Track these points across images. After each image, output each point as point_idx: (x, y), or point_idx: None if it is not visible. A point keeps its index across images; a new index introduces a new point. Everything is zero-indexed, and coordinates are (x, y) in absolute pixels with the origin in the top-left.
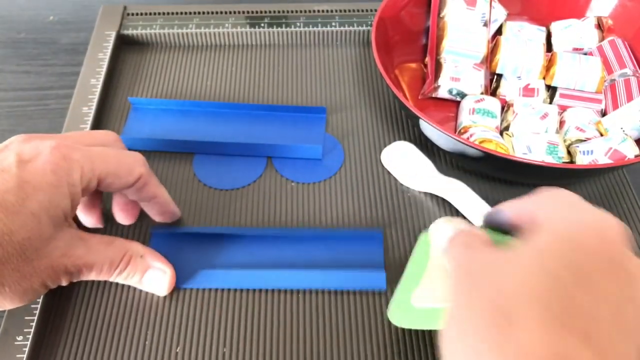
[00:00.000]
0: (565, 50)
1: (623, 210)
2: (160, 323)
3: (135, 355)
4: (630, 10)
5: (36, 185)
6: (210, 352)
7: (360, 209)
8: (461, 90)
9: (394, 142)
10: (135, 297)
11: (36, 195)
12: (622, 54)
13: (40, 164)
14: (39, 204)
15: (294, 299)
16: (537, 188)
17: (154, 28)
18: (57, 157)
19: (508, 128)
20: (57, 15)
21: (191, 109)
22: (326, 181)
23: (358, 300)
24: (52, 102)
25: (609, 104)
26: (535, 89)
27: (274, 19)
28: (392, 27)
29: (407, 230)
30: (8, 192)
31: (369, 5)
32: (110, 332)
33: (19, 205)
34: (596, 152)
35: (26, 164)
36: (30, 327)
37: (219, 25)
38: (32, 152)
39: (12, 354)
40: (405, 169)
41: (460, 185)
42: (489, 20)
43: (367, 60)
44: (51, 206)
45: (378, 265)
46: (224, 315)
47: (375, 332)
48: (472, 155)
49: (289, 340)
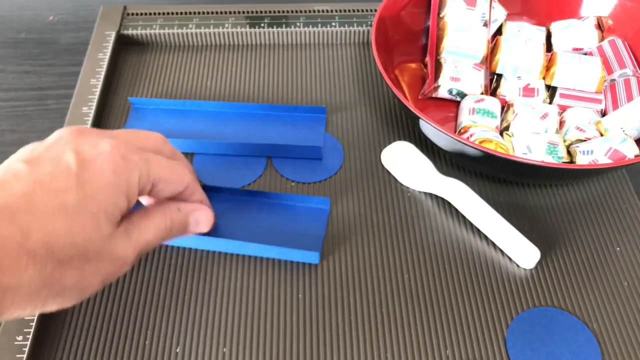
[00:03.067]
0: (565, 50)
1: (623, 210)
2: (160, 323)
3: (135, 355)
4: (630, 10)
5: (96, 186)
6: (210, 352)
7: (360, 209)
8: (461, 90)
9: (394, 142)
10: (136, 297)
11: (96, 196)
12: (622, 54)
13: (101, 164)
14: (98, 205)
15: (294, 300)
16: (537, 188)
17: (154, 28)
18: (117, 158)
19: (508, 128)
20: (57, 15)
21: (191, 109)
22: (326, 181)
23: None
24: (52, 102)
25: (609, 104)
26: (535, 89)
27: (274, 19)
28: (392, 27)
29: (407, 230)
30: (68, 192)
31: (369, 5)
32: (110, 332)
33: (79, 206)
34: (596, 152)
35: (86, 164)
36: (30, 327)
37: (219, 25)
38: (91, 152)
39: (12, 354)
40: (405, 169)
41: (460, 185)
42: (489, 20)
43: (367, 60)
44: (109, 206)
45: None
46: (224, 315)
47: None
48: (472, 155)
49: (289, 340)
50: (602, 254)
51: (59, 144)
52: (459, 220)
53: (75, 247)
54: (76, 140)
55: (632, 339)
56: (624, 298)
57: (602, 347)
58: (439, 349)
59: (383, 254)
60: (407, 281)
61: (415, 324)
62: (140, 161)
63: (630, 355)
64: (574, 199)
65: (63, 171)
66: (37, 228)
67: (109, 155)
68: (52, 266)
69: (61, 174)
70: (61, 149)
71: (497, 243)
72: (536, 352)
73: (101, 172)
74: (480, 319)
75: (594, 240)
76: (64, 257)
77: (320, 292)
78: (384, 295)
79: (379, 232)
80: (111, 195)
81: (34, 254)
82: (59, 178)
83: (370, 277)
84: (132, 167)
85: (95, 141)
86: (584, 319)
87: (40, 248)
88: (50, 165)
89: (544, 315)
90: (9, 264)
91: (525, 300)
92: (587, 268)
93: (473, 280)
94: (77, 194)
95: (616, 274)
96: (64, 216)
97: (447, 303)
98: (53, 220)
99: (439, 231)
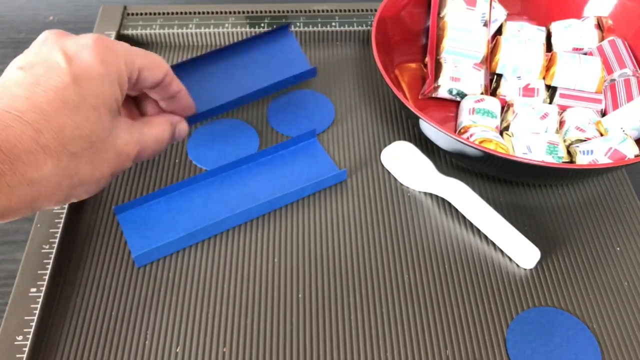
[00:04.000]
0: (565, 50)
1: (623, 210)
2: (160, 323)
3: (135, 355)
4: (630, 10)
5: (89, 78)
6: (210, 352)
7: (360, 208)
8: (461, 90)
9: (394, 142)
10: (135, 297)
11: (91, 88)
12: (622, 54)
13: (88, 56)
14: (95, 97)
15: (294, 300)
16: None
17: (154, 28)
18: (102, 48)
19: (508, 128)
20: (57, 15)
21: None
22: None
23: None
24: None
25: (609, 104)
26: (535, 89)
27: (274, 19)
28: (392, 27)
29: (407, 230)
30: (66, 89)
31: (369, 5)
32: (110, 332)
33: (79, 101)
34: (596, 152)
35: (74, 59)
36: (30, 327)
37: (219, 25)
38: (75, 47)
39: (12, 354)
40: (405, 169)
41: (460, 185)
42: (489, 20)
43: (367, 60)
44: (106, 97)
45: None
46: (224, 315)
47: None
48: (472, 155)
49: (289, 340)
50: (602, 254)
51: (45, 46)
52: (459, 220)
53: (83, 138)
54: (60, 40)
55: (632, 339)
56: (624, 298)
57: (602, 347)
58: (439, 349)
59: (383, 254)
60: (407, 281)
61: (415, 324)
62: (123, 49)
63: (630, 355)
64: (574, 199)
65: (55, 70)
66: (46, 124)
67: (94, 47)
68: (67, 159)
69: (54, 72)
70: (48, 50)
71: (497, 243)
72: (536, 352)
73: (91, 65)
74: (480, 319)
75: (594, 240)
76: (75, 149)
77: (320, 292)
78: (384, 295)
79: (379, 232)
80: (105, 86)
81: (48, 149)
82: (54, 77)
83: (370, 277)
84: (118, 55)
85: (77, 38)
86: (584, 319)
87: (53, 142)
88: (43, 66)
89: (544, 315)
90: (28, 159)
91: (525, 300)
92: (587, 268)
93: (473, 280)
94: (74, 89)
95: (616, 274)
96: (68, 111)
97: (447, 303)
98: (59, 116)
99: (439, 231)
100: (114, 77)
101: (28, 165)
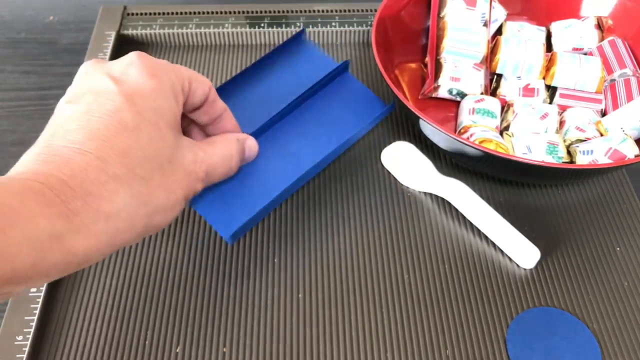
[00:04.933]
0: (565, 50)
1: (623, 210)
2: (160, 323)
3: (135, 355)
4: (630, 10)
5: (143, 95)
6: (210, 352)
7: (360, 209)
8: (461, 90)
9: (394, 142)
10: (135, 297)
11: (147, 104)
12: (622, 54)
13: (136, 73)
14: (153, 112)
15: (294, 300)
16: (537, 188)
17: (154, 28)
18: (148, 62)
19: (508, 128)
20: (57, 15)
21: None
22: (326, 181)
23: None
24: (52, 102)
25: (609, 104)
26: (535, 89)
27: (274, 19)
28: (392, 27)
29: (407, 230)
30: (121, 110)
31: (369, 5)
32: (110, 332)
33: (137, 119)
34: (596, 152)
35: (122, 79)
36: (30, 327)
37: (219, 25)
38: (120, 67)
39: (12, 354)
40: (405, 169)
41: (460, 185)
42: (489, 20)
43: (367, 60)
44: (164, 111)
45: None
46: (224, 315)
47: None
48: (472, 155)
49: (289, 340)
50: (602, 254)
51: (88, 75)
52: (459, 220)
53: (150, 160)
54: (102, 65)
55: (632, 339)
56: (624, 298)
57: (602, 347)
58: (439, 349)
59: (383, 254)
60: (407, 281)
61: (415, 324)
62: (166, 62)
63: (631, 355)
64: (574, 199)
65: (106, 93)
66: (108, 150)
67: (140, 63)
68: (138, 185)
69: (105, 96)
70: (92, 78)
71: (497, 243)
72: (536, 352)
73: (141, 81)
74: (480, 319)
75: (594, 240)
76: (144, 173)
77: (320, 292)
78: (384, 295)
79: (379, 232)
80: (160, 99)
81: (117, 176)
82: (106, 101)
83: (370, 277)
84: (166, 67)
85: (118, 60)
86: (584, 319)
87: (121, 168)
88: (92, 94)
89: (544, 315)
90: (100, 191)
91: (525, 300)
92: (587, 268)
93: (473, 280)
94: (130, 108)
95: (616, 274)
96: (128, 132)
97: (447, 303)
98: (120, 140)
99: (439, 231)
100: (167, 89)
101: (101, 199)
